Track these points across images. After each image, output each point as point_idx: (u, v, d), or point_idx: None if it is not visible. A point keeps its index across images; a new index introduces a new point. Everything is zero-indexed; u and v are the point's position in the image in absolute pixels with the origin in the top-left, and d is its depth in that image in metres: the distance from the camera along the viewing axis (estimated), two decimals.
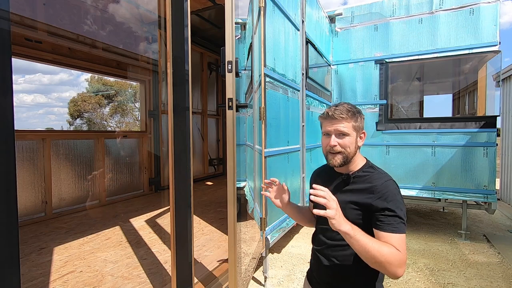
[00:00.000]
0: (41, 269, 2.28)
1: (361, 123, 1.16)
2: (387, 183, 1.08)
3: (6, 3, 0.86)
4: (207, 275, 2.21)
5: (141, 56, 5.04)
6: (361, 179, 1.14)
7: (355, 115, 1.14)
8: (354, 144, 1.14)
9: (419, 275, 3.01)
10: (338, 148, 1.13)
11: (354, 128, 1.14)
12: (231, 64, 1.70)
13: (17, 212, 0.88)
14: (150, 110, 5.22)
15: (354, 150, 1.14)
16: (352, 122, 1.13)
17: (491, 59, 4.06)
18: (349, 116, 1.13)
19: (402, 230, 1.00)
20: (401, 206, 1.04)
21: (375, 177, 1.12)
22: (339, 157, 1.14)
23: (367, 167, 1.18)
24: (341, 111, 1.13)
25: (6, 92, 0.83)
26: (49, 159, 3.70)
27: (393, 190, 1.06)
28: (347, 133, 1.12)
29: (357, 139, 1.16)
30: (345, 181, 1.17)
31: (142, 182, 5.13)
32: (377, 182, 1.09)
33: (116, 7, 4.72)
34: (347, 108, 1.14)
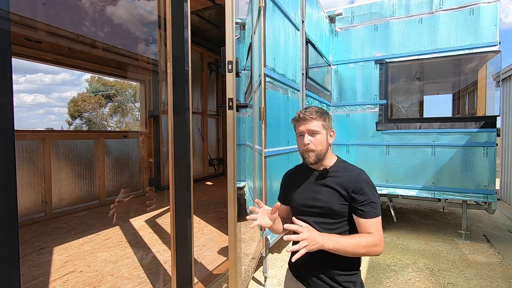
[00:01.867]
0: (41, 269, 2.28)
1: (329, 122, 1.30)
2: (360, 174, 1.22)
3: (6, 3, 0.86)
4: (207, 275, 2.21)
5: (141, 56, 5.04)
6: (338, 172, 1.27)
7: (323, 115, 1.27)
8: (325, 141, 1.27)
9: (419, 275, 3.01)
10: (312, 146, 1.25)
11: (324, 127, 1.27)
12: (231, 64, 1.70)
13: (17, 212, 0.88)
14: (150, 110, 5.22)
15: (326, 147, 1.27)
16: (321, 122, 1.26)
17: (491, 59, 4.06)
18: (318, 116, 1.26)
19: (378, 213, 1.18)
20: (374, 191, 1.20)
21: (349, 169, 1.27)
22: (313, 154, 1.25)
23: (340, 162, 1.32)
24: (311, 112, 1.26)
25: (6, 92, 0.83)
26: (49, 159, 3.69)
27: (366, 179, 1.21)
28: (317, 131, 1.25)
29: (327, 136, 1.29)
30: (323, 175, 1.28)
31: (142, 182, 5.13)
32: (352, 174, 1.22)
33: (116, 7, 4.72)
34: (315, 110, 1.28)
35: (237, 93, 2.73)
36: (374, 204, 1.17)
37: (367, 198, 1.17)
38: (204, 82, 6.53)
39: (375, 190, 1.21)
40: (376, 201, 1.18)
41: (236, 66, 1.72)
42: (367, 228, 1.16)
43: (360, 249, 1.11)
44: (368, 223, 1.16)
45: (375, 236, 1.14)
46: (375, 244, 1.13)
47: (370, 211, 1.16)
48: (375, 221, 1.16)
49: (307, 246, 1.04)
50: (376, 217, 1.17)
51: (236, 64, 1.72)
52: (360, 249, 1.11)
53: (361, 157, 4.61)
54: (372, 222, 1.16)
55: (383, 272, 3.11)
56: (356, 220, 1.19)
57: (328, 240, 1.09)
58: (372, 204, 1.17)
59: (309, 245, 1.05)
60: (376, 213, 1.17)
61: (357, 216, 1.18)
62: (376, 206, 1.17)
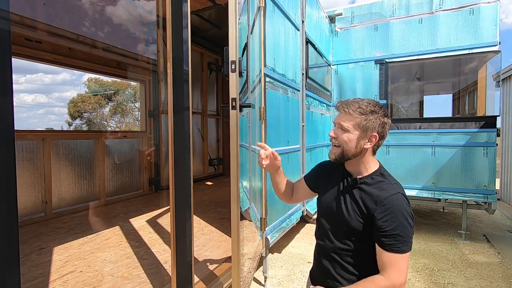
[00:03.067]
0: (41, 269, 2.28)
1: (370, 123, 1.06)
2: (393, 197, 1.01)
3: (6, 3, 0.86)
4: (207, 275, 2.21)
5: (141, 56, 5.04)
6: (368, 186, 1.08)
7: (365, 113, 1.06)
8: (354, 143, 1.07)
9: (419, 275, 3.01)
10: (334, 141, 1.11)
11: (358, 126, 1.07)
12: (234, 63, 1.70)
13: (17, 212, 0.88)
14: (150, 110, 5.21)
15: (354, 149, 1.08)
16: (357, 119, 1.06)
17: (491, 59, 4.06)
18: (357, 113, 1.06)
19: (403, 249, 0.97)
20: (405, 222, 0.98)
21: (383, 187, 1.05)
22: (337, 150, 1.11)
23: (377, 174, 1.11)
24: (349, 105, 1.08)
25: (6, 92, 0.83)
26: (49, 159, 3.69)
27: (398, 206, 0.99)
28: (347, 128, 1.08)
29: (362, 139, 1.07)
30: (351, 185, 1.12)
31: (142, 182, 5.12)
32: (383, 194, 1.03)
33: (116, 7, 4.72)
34: (358, 105, 1.07)
35: None
36: (399, 238, 0.96)
37: (391, 229, 0.97)
38: (204, 82, 6.53)
39: (407, 220, 0.99)
40: (403, 234, 0.97)
41: (239, 66, 1.71)
42: (383, 263, 0.99)
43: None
44: (386, 257, 0.98)
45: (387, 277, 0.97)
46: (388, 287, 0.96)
47: (392, 244, 0.97)
48: (396, 257, 0.96)
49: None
50: (400, 253, 0.96)
51: (239, 63, 1.71)
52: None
53: None
54: (391, 257, 0.97)
55: None
56: (377, 249, 1.02)
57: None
58: (397, 237, 0.96)
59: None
60: (400, 248, 0.96)
61: (377, 245, 1.02)
62: (402, 240, 0.96)
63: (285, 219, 3.12)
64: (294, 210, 3.42)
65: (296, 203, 1.46)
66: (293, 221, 3.31)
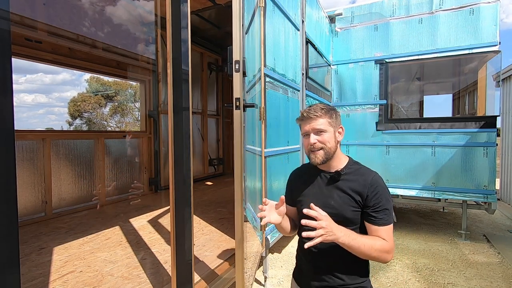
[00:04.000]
0: (41, 269, 2.28)
1: (336, 119, 1.22)
2: (375, 177, 1.15)
3: (6, 3, 0.86)
4: (207, 275, 2.21)
5: (141, 56, 5.04)
6: (350, 175, 1.19)
7: (329, 112, 1.20)
8: (333, 139, 1.19)
9: (419, 275, 3.01)
10: (318, 144, 1.18)
11: (330, 124, 1.19)
12: (238, 63, 1.69)
13: (17, 212, 0.88)
14: (150, 110, 5.21)
15: (334, 145, 1.19)
16: (327, 119, 1.19)
17: (491, 59, 4.06)
18: (323, 114, 1.18)
19: (391, 221, 1.13)
20: (388, 197, 1.14)
21: (363, 172, 1.19)
22: (321, 153, 1.18)
23: (352, 163, 1.24)
24: (315, 110, 1.19)
25: (6, 92, 0.83)
26: (49, 159, 3.69)
27: (381, 183, 1.15)
28: (324, 129, 1.18)
29: (336, 134, 1.21)
30: (335, 178, 1.20)
31: (142, 182, 5.12)
32: (367, 178, 1.15)
33: (116, 7, 4.72)
34: (320, 107, 1.20)
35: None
36: (387, 211, 1.12)
37: (381, 205, 1.11)
38: (204, 82, 6.53)
39: (389, 195, 1.15)
40: (389, 207, 1.13)
41: (243, 66, 1.71)
42: (378, 235, 1.11)
43: (372, 252, 1.06)
44: (381, 230, 1.11)
45: (388, 243, 1.11)
46: (387, 251, 1.09)
47: (383, 218, 1.11)
48: (387, 228, 1.12)
49: (323, 235, 0.99)
50: (389, 224, 1.12)
51: (243, 63, 1.71)
52: (373, 252, 1.06)
53: (361, 157, 4.60)
54: (384, 230, 1.11)
55: (383, 272, 3.11)
56: (368, 227, 1.14)
57: (345, 234, 1.04)
58: (386, 211, 1.12)
59: (326, 234, 0.99)
60: (389, 221, 1.12)
61: (369, 223, 1.13)
62: (389, 213, 1.12)
63: None
64: None
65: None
66: None
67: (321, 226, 1.00)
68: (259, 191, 2.61)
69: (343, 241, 1.03)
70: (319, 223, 1.00)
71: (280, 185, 3.00)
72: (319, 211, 1.04)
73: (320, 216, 1.02)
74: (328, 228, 1.00)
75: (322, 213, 1.03)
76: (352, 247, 1.04)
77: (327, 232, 1.00)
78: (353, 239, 1.04)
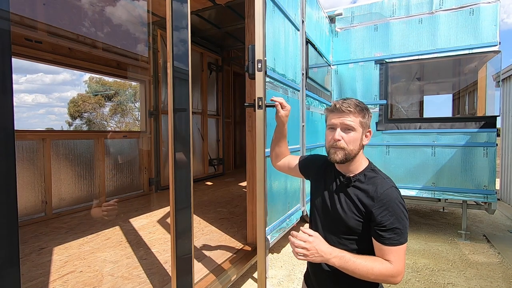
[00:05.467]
0: (41, 269, 2.28)
1: (368, 120, 1.12)
2: (388, 191, 1.03)
3: (6, 3, 0.86)
4: (207, 275, 2.21)
5: (141, 56, 5.04)
6: (362, 183, 1.09)
7: (363, 110, 1.10)
8: (358, 141, 1.09)
9: (419, 275, 3.01)
10: (342, 143, 1.08)
11: (361, 124, 1.10)
12: (260, 62, 1.69)
13: (17, 212, 0.88)
14: (150, 110, 5.21)
15: (358, 147, 1.09)
16: (359, 118, 1.09)
17: (491, 59, 4.06)
18: (357, 111, 1.08)
19: (401, 241, 1.00)
20: (402, 214, 1.00)
21: (377, 182, 1.07)
22: (341, 153, 1.09)
23: (369, 170, 1.12)
24: (349, 104, 1.08)
25: (6, 92, 0.83)
26: (49, 159, 3.69)
27: (394, 200, 1.01)
28: (353, 127, 1.08)
29: (363, 136, 1.11)
30: (345, 184, 1.13)
31: (142, 182, 5.13)
32: (378, 190, 1.04)
33: (116, 8, 4.72)
34: (355, 103, 1.09)
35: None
36: (398, 230, 0.99)
37: (389, 223, 0.99)
38: (204, 82, 6.53)
39: (403, 212, 1.01)
40: (401, 226, 0.99)
41: (264, 65, 1.70)
42: (384, 255, 1.00)
43: (370, 276, 0.98)
44: (386, 250, 1.00)
45: (394, 265, 0.98)
46: (392, 275, 0.98)
47: (391, 238, 0.99)
48: (395, 249, 0.99)
49: (306, 255, 0.99)
50: (398, 245, 0.99)
51: (264, 63, 1.70)
52: (371, 276, 0.98)
53: None
54: (391, 250, 0.99)
55: None
56: (374, 244, 1.04)
57: (336, 256, 0.99)
58: (396, 230, 0.99)
59: (310, 256, 0.99)
60: (399, 241, 0.99)
61: (375, 240, 1.03)
62: (400, 233, 0.99)
63: (285, 219, 3.12)
64: (294, 210, 3.42)
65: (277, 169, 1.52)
66: (293, 221, 3.31)
67: (303, 247, 0.99)
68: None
69: (334, 263, 0.99)
70: (304, 245, 1.00)
71: (280, 185, 3.00)
72: (307, 233, 1.02)
73: (306, 238, 1.01)
74: (312, 250, 0.99)
75: (309, 238, 1.01)
76: (346, 270, 1.00)
77: (312, 254, 0.99)
78: (345, 262, 0.99)
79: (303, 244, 1.00)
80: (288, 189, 3.22)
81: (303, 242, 1.00)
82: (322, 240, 1.03)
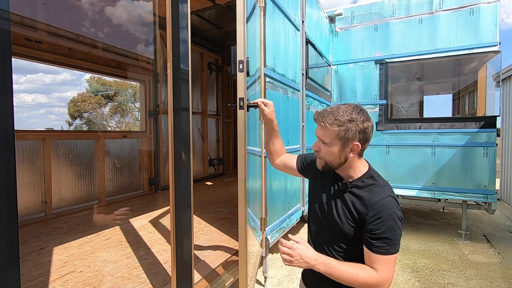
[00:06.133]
0: (41, 269, 2.28)
1: (352, 133, 1.02)
2: (383, 200, 1.01)
3: (6, 3, 0.86)
4: (207, 275, 2.21)
5: (141, 56, 5.04)
6: (359, 190, 1.08)
7: (343, 124, 1.01)
8: (337, 155, 1.05)
9: (419, 275, 3.01)
10: (320, 154, 1.10)
11: (339, 138, 1.03)
12: (242, 63, 1.69)
13: (17, 212, 0.88)
14: (150, 110, 5.21)
15: (338, 160, 1.07)
16: (335, 131, 1.02)
17: (491, 59, 4.06)
18: (333, 125, 1.02)
19: (390, 252, 0.99)
20: (395, 225, 0.99)
21: (374, 190, 1.05)
22: (322, 162, 1.11)
23: (367, 176, 1.09)
24: (325, 117, 1.04)
25: (6, 92, 0.83)
26: (49, 159, 3.69)
27: (388, 210, 1.00)
28: (326, 142, 1.06)
29: (345, 150, 1.04)
30: (342, 190, 1.11)
31: (142, 182, 5.12)
32: (374, 198, 1.02)
33: (116, 8, 4.72)
34: (334, 116, 1.02)
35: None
36: (388, 240, 0.98)
37: (380, 232, 0.98)
38: (204, 82, 6.53)
39: (396, 223, 0.99)
40: (392, 237, 0.98)
41: (246, 66, 1.71)
42: (372, 262, 1.01)
43: (354, 283, 0.99)
44: (375, 258, 1.00)
45: (379, 274, 0.98)
46: (376, 283, 0.98)
47: (380, 247, 0.99)
48: (383, 258, 0.99)
49: (292, 262, 1.05)
50: (387, 254, 0.98)
51: (246, 63, 1.71)
52: (355, 283, 0.99)
53: None
54: (379, 259, 0.99)
55: None
56: (364, 249, 1.04)
57: (321, 262, 1.03)
58: (386, 240, 0.98)
59: (295, 262, 1.05)
60: (388, 250, 0.98)
61: (365, 247, 1.03)
62: (390, 243, 0.98)
63: (285, 219, 3.12)
64: (294, 210, 3.42)
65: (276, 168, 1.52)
66: (293, 221, 3.31)
67: (287, 253, 1.06)
68: (259, 192, 2.60)
69: (319, 269, 1.03)
70: (289, 251, 1.06)
71: (280, 185, 3.00)
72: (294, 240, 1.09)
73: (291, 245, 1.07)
74: (297, 257, 1.04)
75: (294, 245, 1.07)
76: (331, 276, 1.02)
77: (296, 260, 1.04)
78: (330, 268, 1.01)
79: (287, 251, 1.06)
80: (288, 189, 3.22)
81: (288, 249, 1.06)
82: (307, 247, 1.08)
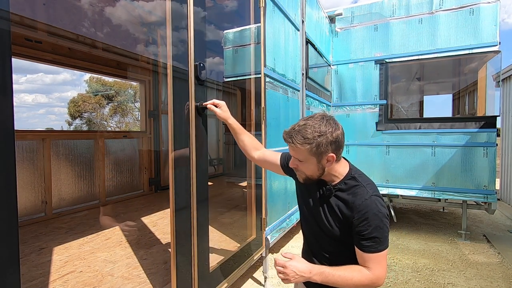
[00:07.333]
0: (41, 269, 2.28)
1: (324, 147, 1.03)
2: (366, 202, 1.04)
3: (6, 3, 0.86)
4: (207, 275, 2.20)
5: (141, 56, 5.03)
6: (343, 193, 1.11)
7: (312, 142, 1.02)
8: (314, 168, 1.08)
9: (419, 275, 3.01)
10: (298, 170, 1.13)
11: (311, 154, 1.05)
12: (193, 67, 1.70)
13: (17, 212, 0.88)
14: (150, 110, 5.21)
15: (317, 172, 1.10)
16: (307, 149, 1.04)
17: (491, 59, 4.06)
18: (303, 144, 1.04)
19: (380, 249, 1.03)
20: (381, 223, 1.02)
21: (357, 192, 1.07)
22: (301, 175, 1.14)
23: (349, 178, 1.12)
24: (293, 138, 1.05)
25: (6, 92, 0.83)
26: (49, 159, 3.69)
27: (373, 210, 1.02)
28: (301, 160, 1.09)
29: (320, 163, 1.07)
30: (327, 195, 1.14)
31: (142, 182, 5.12)
32: (357, 200, 1.05)
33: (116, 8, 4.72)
34: (302, 134, 1.03)
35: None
36: (376, 239, 1.02)
37: (368, 232, 1.02)
38: None
39: (383, 221, 1.03)
40: (380, 235, 1.02)
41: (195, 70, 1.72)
42: (364, 261, 1.05)
43: (351, 285, 1.03)
44: (367, 257, 1.04)
45: (372, 272, 1.03)
46: (371, 281, 1.02)
47: (370, 246, 1.03)
48: (375, 256, 1.03)
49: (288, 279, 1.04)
50: (378, 252, 1.03)
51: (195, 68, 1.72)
52: (351, 285, 1.03)
53: (361, 157, 4.61)
54: (371, 258, 1.04)
55: None
56: (356, 249, 1.08)
57: (316, 273, 1.04)
58: (375, 239, 1.02)
59: (292, 279, 1.04)
60: (378, 248, 1.02)
61: (357, 247, 1.07)
62: (379, 241, 1.02)
63: (285, 219, 3.12)
64: (294, 210, 3.42)
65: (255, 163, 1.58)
66: (293, 221, 3.31)
67: (282, 272, 1.06)
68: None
69: (315, 280, 1.05)
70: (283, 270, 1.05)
71: (280, 185, 3.00)
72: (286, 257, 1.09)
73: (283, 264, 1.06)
74: (291, 274, 1.04)
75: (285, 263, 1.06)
76: (328, 283, 1.05)
77: (292, 277, 1.04)
78: (325, 277, 1.04)
79: (281, 270, 1.06)
80: (288, 189, 3.22)
81: (282, 268, 1.06)
82: (299, 261, 1.08)
